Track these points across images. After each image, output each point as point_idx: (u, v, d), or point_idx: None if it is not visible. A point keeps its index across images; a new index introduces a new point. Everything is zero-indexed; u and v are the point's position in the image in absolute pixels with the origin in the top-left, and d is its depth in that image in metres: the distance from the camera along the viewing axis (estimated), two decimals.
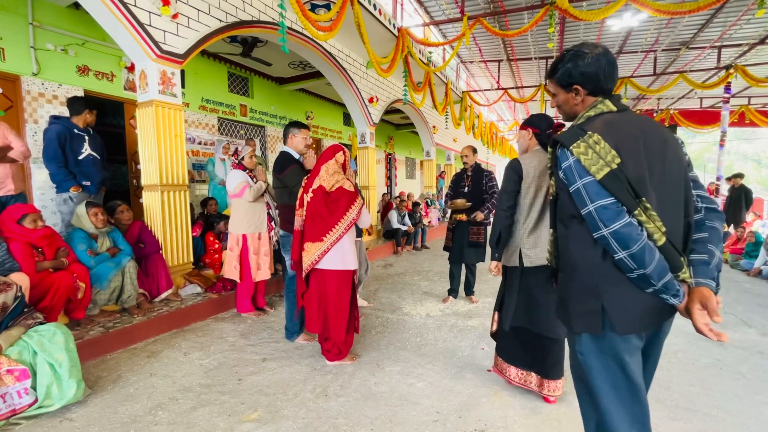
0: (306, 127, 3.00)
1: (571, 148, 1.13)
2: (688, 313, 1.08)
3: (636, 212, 1.07)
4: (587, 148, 1.10)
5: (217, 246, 4.13)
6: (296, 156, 2.96)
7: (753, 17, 7.39)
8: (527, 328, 2.16)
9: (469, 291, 4.06)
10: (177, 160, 3.62)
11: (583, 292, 1.18)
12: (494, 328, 2.36)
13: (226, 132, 6.75)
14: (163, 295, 3.37)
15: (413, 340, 3.04)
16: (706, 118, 12.82)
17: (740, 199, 7.76)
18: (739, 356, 2.79)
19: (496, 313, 2.35)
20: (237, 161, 3.46)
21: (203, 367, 2.54)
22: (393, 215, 7.32)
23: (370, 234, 7.22)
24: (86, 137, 3.45)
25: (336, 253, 2.46)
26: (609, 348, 1.14)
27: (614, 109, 1.20)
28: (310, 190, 2.50)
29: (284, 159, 2.89)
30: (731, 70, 8.27)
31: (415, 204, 8.05)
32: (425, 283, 4.92)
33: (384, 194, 9.51)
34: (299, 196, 2.59)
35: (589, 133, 1.12)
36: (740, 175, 7.92)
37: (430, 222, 9.67)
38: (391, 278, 5.23)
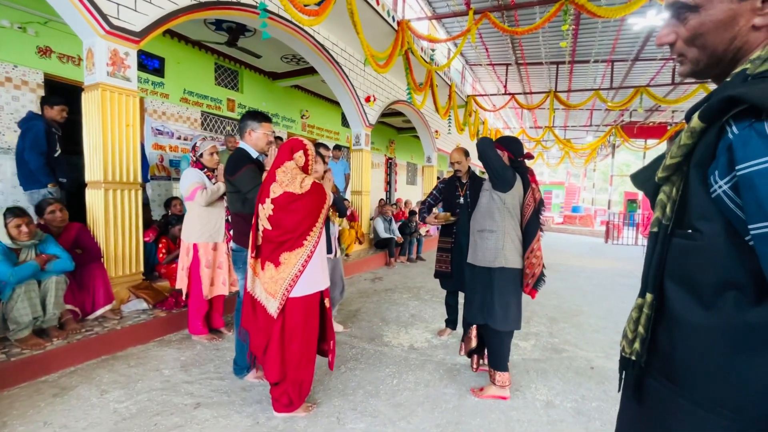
0: (269, 120, 2.48)
1: None
2: None
3: None
4: None
5: (161, 255, 3.61)
6: (254, 154, 2.44)
7: None
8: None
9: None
10: (128, 154, 3.13)
11: None
12: (476, 342, 2.46)
13: (211, 127, 6.28)
14: (99, 312, 2.86)
15: (388, 383, 2.50)
16: None
17: None
18: None
19: (475, 327, 2.42)
20: (195, 158, 2.96)
21: (116, 413, 2.02)
22: (378, 223, 6.75)
23: (361, 243, 6.69)
24: (57, 135, 3.37)
25: (307, 272, 1.96)
26: None
27: None
28: (269, 200, 1.98)
29: (238, 158, 2.36)
30: None
31: (412, 212, 7.53)
32: (414, 303, 4.38)
33: (381, 200, 9.00)
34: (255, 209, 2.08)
35: None
36: None
37: (428, 231, 9.14)
38: (377, 295, 4.70)
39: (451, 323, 3.41)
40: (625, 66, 9.29)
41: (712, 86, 0.66)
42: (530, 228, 2.27)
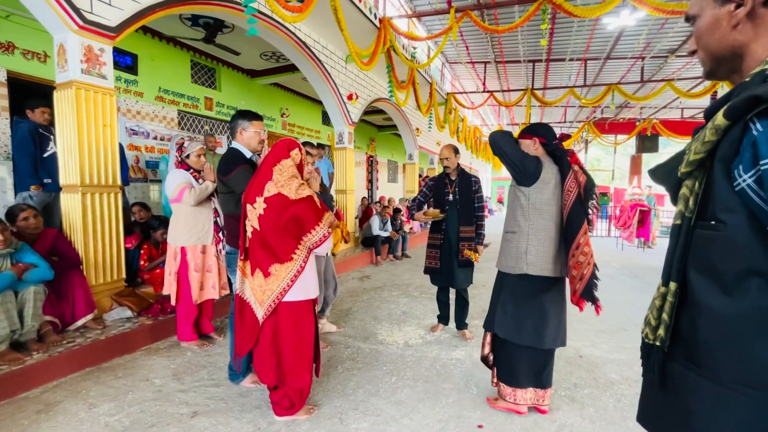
0: (259, 117, 2.43)
1: None
2: None
3: None
4: None
5: (143, 262, 3.47)
6: (248, 154, 2.39)
7: None
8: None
9: (462, 324, 3.27)
10: (106, 156, 2.99)
11: None
12: (487, 350, 2.22)
13: (188, 127, 6.08)
14: (80, 322, 2.72)
15: (387, 381, 2.50)
16: (687, 128, 12.87)
17: None
18: None
19: (489, 334, 2.20)
20: (180, 159, 2.86)
21: (108, 427, 1.93)
22: (375, 221, 6.80)
23: (347, 242, 6.65)
24: (51, 136, 3.39)
25: (298, 284, 1.92)
26: None
27: None
28: (261, 199, 1.93)
29: (231, 157, 2.31)
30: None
31: (396, 210, 7.55)
32: (405, 300, 4.40)
33: (363, 198, 8.98)
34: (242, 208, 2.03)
35: None
36: None
37: (411, 228, 9.19)
38: (367, 293, 4.69)
39: (443, 319, 3.44)
40: (598, 64, 9.63)
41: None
42: (573, 219, 1.88)
